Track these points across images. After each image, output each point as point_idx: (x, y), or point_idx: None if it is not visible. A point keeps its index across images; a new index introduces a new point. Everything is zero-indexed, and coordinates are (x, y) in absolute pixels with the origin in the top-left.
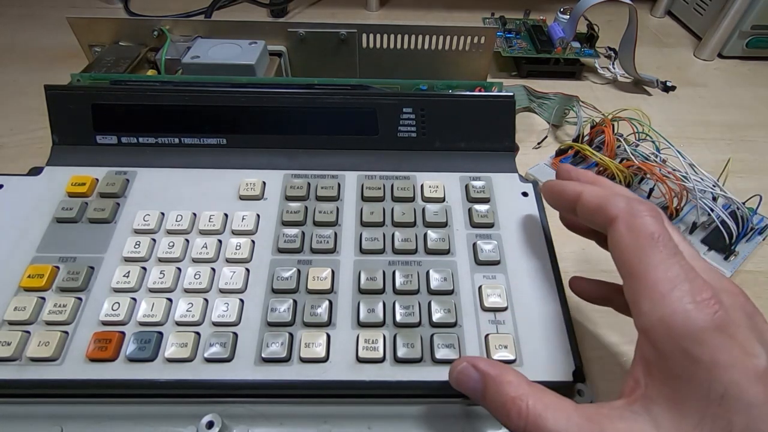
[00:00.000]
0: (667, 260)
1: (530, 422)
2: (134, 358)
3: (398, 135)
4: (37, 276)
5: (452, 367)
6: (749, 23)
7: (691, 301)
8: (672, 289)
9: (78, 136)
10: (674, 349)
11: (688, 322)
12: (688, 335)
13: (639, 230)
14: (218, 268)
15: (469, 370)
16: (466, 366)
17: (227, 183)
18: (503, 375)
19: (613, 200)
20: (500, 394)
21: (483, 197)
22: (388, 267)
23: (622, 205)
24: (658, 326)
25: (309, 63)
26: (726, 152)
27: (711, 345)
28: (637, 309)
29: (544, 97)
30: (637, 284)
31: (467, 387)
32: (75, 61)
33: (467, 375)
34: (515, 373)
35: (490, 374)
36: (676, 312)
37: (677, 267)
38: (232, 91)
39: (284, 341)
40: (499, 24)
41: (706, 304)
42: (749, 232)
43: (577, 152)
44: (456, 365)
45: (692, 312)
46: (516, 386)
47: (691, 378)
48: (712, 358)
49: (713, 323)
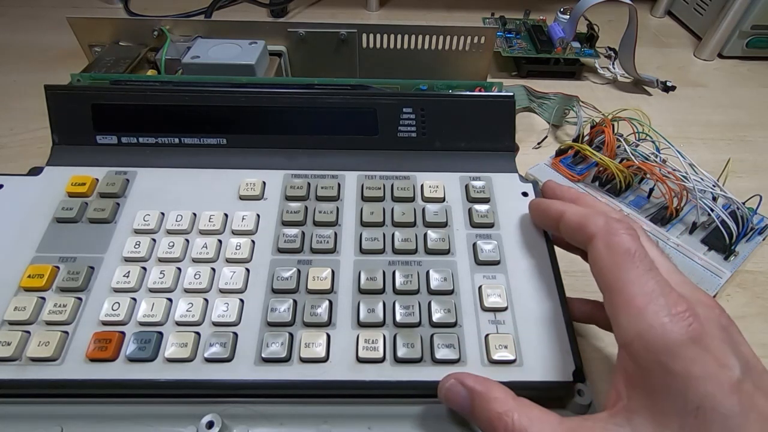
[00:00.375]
0: (642, 276)
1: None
2: (134, 358)
3: (398, 135)
4: (37, 276)
5: (441, 384)
6: (749, 23)
7: (666, 315)
8: (648, 303)
9: (78, 136)
10: (652, 363)
11: (664, 336)
12: (664, 349)
13: (616, 247)
14: (218, 268)
15: (456, 387)
16: (454, 383)
17: (227, 183)
18: (489, 391)
19: (593, 219)
20: (487, 410)
21: (483, 197)
22: (388, 267)
23: (601, 223)
24: (636, 340)
25: (309, 63)
26: (726, 152)
27: (685, 357)
28: (616, 324)
29: (544, 97)
30: (616, 299)
31: (455, 403)
32: (75, 61)
33: (455, 392)
34: (501, 389)
35: (476, 390)
36: (652, 326)
37: (653, 282)
38: (232, 91)
39: (284, 341)
40: (499, 24)
41: (681, 317)
42: (749, 232)
43: (577, 152)
44: (444, 382)
45: (667, 325)
46: (502, 402)
47: (668, 391)
48: (686, 370)
49: (688, 336)
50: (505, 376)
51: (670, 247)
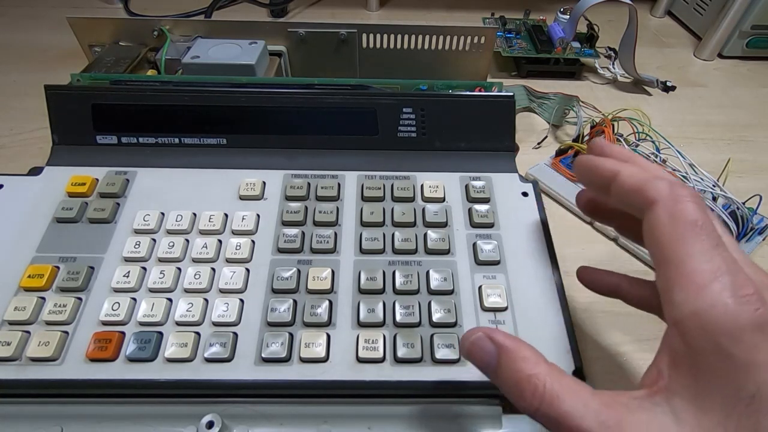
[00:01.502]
0: (709, 251)
1: (545, 403)
2: (134, 358)
3: (398, 135)
4: (37, 276)
5: (465, 337)
6: (749, 23)
7: (731, 295)
8: (712, 280)
9: (78, 136)
10: (706, 344)
11: (725, 317)
12: (724, 331)
13: (680, 217)
14: (218, 268)
15: (483, 341)
16: (481, 336)
17: (227, 183)
18: (520, 350)
19: (654, 183)
20: (515, 371)
21: (483, 197)
22: (388, 267)
23: (664, 188)
24: (691, 318)
25: (309, 63)
26: (726, 152)
27: (749, 343)
28: (669, 299)
29: (544, 97)
30: (673, 273)
31: (479, 359)
32: (75, 61)
33: (480, 347)
34: (533, 350)
35: (506, 346)
36: (714, 305)
37: (719, 258)
38: (232, 91)
39: (284, 341)
40: (499, 24)
41: (748, 300)
42: (749, 232)
43: (577, 152)
44: (469, 335)
45: (731, 306)
46: (533, 363)
47: (720, 374)
48: (748, 357)
49: (754, 321)
50: None
51: None
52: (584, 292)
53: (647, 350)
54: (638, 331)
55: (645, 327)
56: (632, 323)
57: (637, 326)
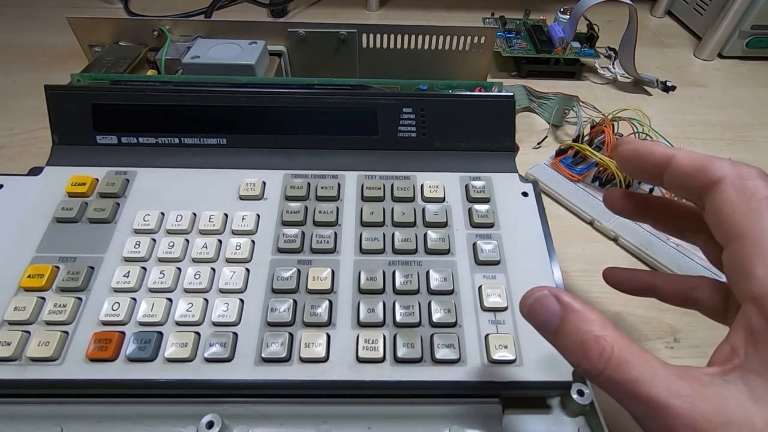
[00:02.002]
0: None
1: (611, 366)
2: (134, 358)
3: (398, 135)
4: (37, 276)
5: (527, 295)
6: (749, 23)
7: None
8: None
9: (78, 136)
10: None
11: None
12: None
13: (752, 192)
14: (218, 268)
15: (548, 299)
16: (546, 295)
17: (227, 183)
18: (588, 312)
19: (717, 162)
20: (582, 331)
21: (483, 197)
22: (388, 267)
23: (728, 167)
24: None
25: (309, 63)
26: (726, 152)
27: None
28: (747, 274)
29: (544, 97)
30: (750, 248)
31: (540, 317)
32: (75, 61)
33: (544, 305)
34: (600, 315)
35: (573, 306)
36: None
37: None
38: (232, 91)
39: (284, 341)
40: (499, 24)
41: None
42: None
43: (577, 152)
44: (533, 292)
45: None
46: (601, 326)
47: None
48: None
49: None
50: (505, 376)
51: (670, 246)
52: (584, 292)
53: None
54: (638, 331)
55: (645, 327)
56: (632, 323)
57: (637, 326)
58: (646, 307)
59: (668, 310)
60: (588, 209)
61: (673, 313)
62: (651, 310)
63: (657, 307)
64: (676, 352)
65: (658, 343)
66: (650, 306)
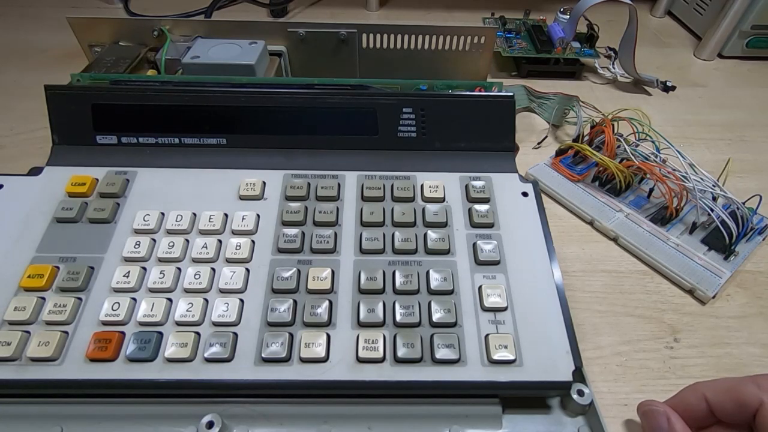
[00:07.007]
0: None
1: None
2: (134, 358)
3: (398, 135)
4: (37, 276)
5: (645, 403)
6: (749, 23)
7: None
8: None
9: (78, 136)
10: None
11: None
12: None
13: None
14: (218, 268)
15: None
16: (661, 413)
17: (227, 183)
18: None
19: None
20: None
21: (483, 197)
22: (388, 267)
23: (758, 392)
24: None
25: (309, 63)
26: (726, 152)
27: None
28: None
29: (544, 97)
30: None
31: (649, 426)
32: (75, 61)
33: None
34: None
35: None
36: None
37: None
38: (232, 91)
39: (284, 341)
40: (499, 24)
41: None
42: (749, 232)
43: (577, 152)
44: (650, 403)
45: None
46: None
47: None
48: None
49: None
50: (505, 376)
51: (670, 247)
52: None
53: (647, 350)
54: (638, 332)
55: (645, 327)
56: (632, 323)
57: (637, 327)
58: (646, 307)
59: (668, 310)
60: (588, 209)
61: (673, 313)
62: (651, 310)
63: (657, 307)
64: (676, 352)
65: (658, 343)
66: (650, 306)
